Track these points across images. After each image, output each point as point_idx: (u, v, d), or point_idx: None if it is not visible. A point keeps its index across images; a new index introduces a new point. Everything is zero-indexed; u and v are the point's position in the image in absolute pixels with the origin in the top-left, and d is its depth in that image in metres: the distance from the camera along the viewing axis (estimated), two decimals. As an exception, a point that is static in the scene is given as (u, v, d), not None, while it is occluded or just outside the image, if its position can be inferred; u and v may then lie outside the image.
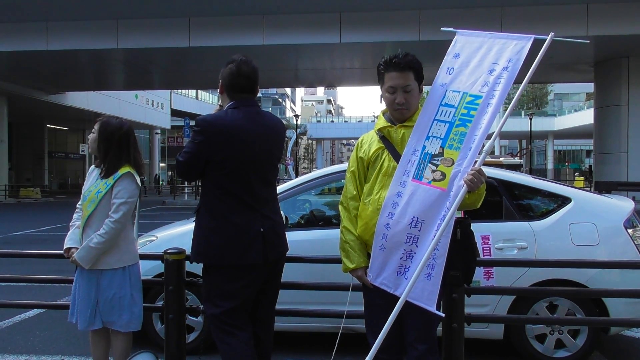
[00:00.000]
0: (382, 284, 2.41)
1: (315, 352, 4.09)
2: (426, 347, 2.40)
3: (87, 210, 2.93)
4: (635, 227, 3.79)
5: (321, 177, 4.32)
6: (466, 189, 2.20)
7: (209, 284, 2.71)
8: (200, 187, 2.79)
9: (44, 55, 18.33)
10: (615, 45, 17.19)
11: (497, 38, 2.34)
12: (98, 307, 2.95)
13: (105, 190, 2.91)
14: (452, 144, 2.30)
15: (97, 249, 2.87)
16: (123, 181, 2.93)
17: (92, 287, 2.94)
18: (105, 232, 2.87)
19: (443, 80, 2.41)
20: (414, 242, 2.31)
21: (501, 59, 2.29)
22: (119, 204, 2.88)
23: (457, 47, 2.43)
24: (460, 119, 2.30)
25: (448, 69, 2.41)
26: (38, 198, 28.04)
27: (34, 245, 10.56)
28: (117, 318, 2.96)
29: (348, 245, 2.52)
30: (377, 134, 2.55)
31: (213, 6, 16.11)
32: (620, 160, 19.32)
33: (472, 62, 2.36)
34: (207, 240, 2.64)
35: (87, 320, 2.95)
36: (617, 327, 3.80)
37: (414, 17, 15.92)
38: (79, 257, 2.90)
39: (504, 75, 2.25)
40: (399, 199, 2.34)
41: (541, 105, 58.34)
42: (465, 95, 2.32)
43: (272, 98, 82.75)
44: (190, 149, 2.62)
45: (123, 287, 2.96)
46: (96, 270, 2.93)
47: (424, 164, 2.33)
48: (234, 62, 2.71)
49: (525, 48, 2.25)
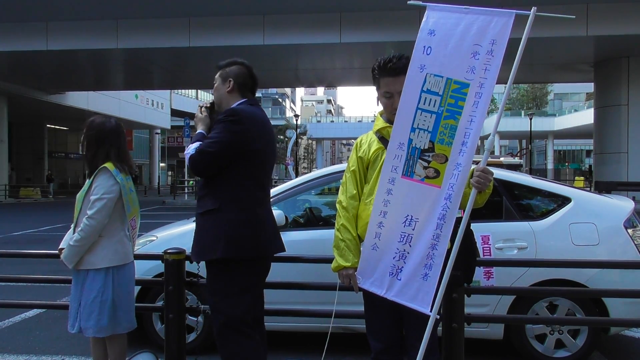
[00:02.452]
0: (372, 285, 2.36)
1: (315, 352, 4.09)
2: (426, 347, 2.39)
3: (76, 211, 2.94)
4: (635, 227, 3.80)
5: (321, 177, 4.32)
6: (476, 192, 2.18)
7: (226, 281, 2.64)
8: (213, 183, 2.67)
9: (44, 55, 18.33)
10: (615, 45, 17.19)
11: (475, 14, 2.15)
12: (79, 310, 2.91)
13: (85, 189, 2.92)
14: (442, 138, 2.19)
15: (77, 246, 2.84)
16: (99, 177, 2.89)
17: (77, 289, 2.94)
18: (81, 230, 2.83)
19: (421, 61, 2.21)
20: (407, 242, 2.26)
21: (483, 39, 2.12)
22: (94, 200, 2.84)
23: (431, 23, 2.22)
24: (448, 110, 2.18)
25: (424, 47, 2.21)
26: (38, 198, 28.06)
27: (34, 245, 10.56)
28: (93, 323, 2.86)
29: (344, 244, 2.48)
30: (376, 135, 2.54)
31: (213, 6, 16.12)
32: (620, 160, 19.33)
33: (450, 41, 2.17)
34: (238, 233, 2.60)
35: (71, 324, 2.94)
36: (617, 327, 3.80)
37: (414, 17, 15.89)
38: (64, 256, 2.90)
39: (490, 61, 2.12)
40: (390, 197, 2.29)
41: (541, 105, 58.34)
42: (450, 82, 2.17)
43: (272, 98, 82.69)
44: (223, 138, 2.58)
45: (102, 291, 2.87)
46: (82, 271, 2.91)
47: (413, 159, 2.24)
48: (240, 63, 2.79)
49: (508, 25, 2.10)
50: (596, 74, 20.70)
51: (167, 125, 44.64)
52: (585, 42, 16.87)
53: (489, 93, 2.13)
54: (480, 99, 2.14)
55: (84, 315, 2.87)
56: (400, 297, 2.28)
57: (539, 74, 23.01)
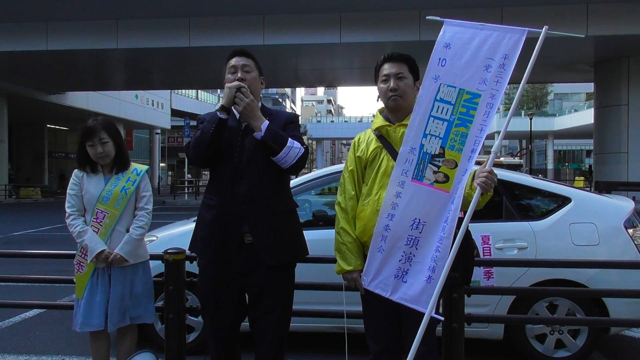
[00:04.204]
0: (377, 287, 2.37)
1: (316, 352, 4.09)
2: (426, 348, 2.38)
3: (117, 210, 2.96)
4: (635, 227, 3.80)
5: (321, 177, 4.32)
6: (480, 192, 2.18)
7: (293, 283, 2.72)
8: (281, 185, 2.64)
9: (44, 55, 18.31)
10: (615, 45, 17.18)
11: (489, 30, 2.26)
12: (129, 303, 2.99)
13: (135, 186, 3.02)
14: (453, 144, 2.26)
15: (139, 240, 3.01)
16: (145, 175, 3.10)
17: (126, 284, 2.97)
18: (144, 223, 3.02)
19: (436, 72, 2.31)
20: (414, 245, 2.29)
21: (496, 53, 2.22)
22: (149, 195, 3.07)
23: (447, 37, 2.33)
24: (459, 118, 2.26)
25: (440, 59, 2.32)
26: (38, 198, 28.04)
27: (34, 245, 10.55)
28: (143, 310, 3.05)
29: (345, 247, 2.47)
30: (374, 133, 2.53)
31: (213, 6, 16.10)
32: (620, 160, 19.31)
33: (465, 55, 2.28)
34: (302, 236, 2.71)
35: (118, 320, 2.95)
36: (617, 327, 3.80)
37: (414, 17, 15.91)
38: (126, 252, 2.94)
39: (501, 74, 2.21)
40: (399, 200, 2.31)
41: (541, 105, 58.33)
42: (462, 92, 2.26)
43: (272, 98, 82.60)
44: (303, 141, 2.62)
45: (149, 278, 3.12)
46: (129, 266, 2.98)
47: (423, 164, 2.30)
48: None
49: (520, 41, 2.20)
50: (596, 74, 20.67)
51: (167, 125, 44.60)
52: (585, 42, 16.86)
53: (497, 103, 2.22)
54: (491, 109, 2.23)
55: (133, 305, 3.01)
56: (404, 299, 2.30)
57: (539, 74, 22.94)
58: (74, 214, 2.99)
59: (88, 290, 2.95)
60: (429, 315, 2.22)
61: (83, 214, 3.01)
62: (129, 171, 3.07)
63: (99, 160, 3.00)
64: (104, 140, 2.97)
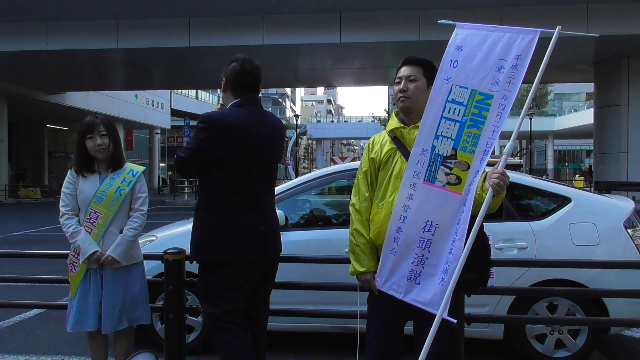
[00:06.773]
0: (390, 289, 2.37)
1: (315, 352, 4.10)
2: (436, 349, 2.35)
3: (110, 211, 2.94)
4: (635, 227, 3.80)
5: (321, 177, 4.32)
6: (492, 193, 2.16)
7: (207, 282, 2.70)
8: (199, 184, 2.76)
9: (44, 55, 18.32)
10: (615, 45, 17.17)
11: (501, 31, 2.24)
12: (124, 305, 2.97)
13: (129, 188, 3.00)
14: (465, 146, 2.23)
15: (133, 241, 2.99)
16: (141, 176, 3.09)
17: (119, 286, 2.95)
18: (138, 225, 3.00)
19: (447, 73, 2.29)
20: (426, 247, 2.27)
21: (509, 54, 2.21)
22: (144, 197, 3.07)
23: (459, 40, 2.31)
24: (471, 119, 2.23)
25: (451, 61, 2.30)
26: (38, 198, 28.04)
27: (34, 245, 10.56)
28: (141, 312, 3.05)
29: (359, 249, 2.47)
30: (388, 135, 2.52)
31: (213, 6, 16.11)
32: (620, 160, 19.31)
33: (477, 56, 2.26)
34: (208, 238, 2.65)
35: (115, 323, 2.94)
36: (617, 327, 3.80)
37: (414, 17, 15.92)
38: (118, 253, 2.91)
39: (514, 75, 2.19)
40: (411, 202, 2.29)
41: (541, 105, 58.30)
42: (475, 93, 2.24)
43: (272, 98, 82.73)
44: (193, 145, 2.62)
45: (144, 279, 3.11)
46: (121, 268, 2.96)
47: (435, 165, 2.27)
48: (237, 60, 2.72)
49: (533, 42, 2.18)
50: (596, 74, 20.68)
51: (167, 125, 44.64)
52: (585, 42, 16.87)
53: (510, 105, 2.21)
54: (503, 110, 2.21)
55: (130, 307, 3.00)
56: (417, 300, 2.30)
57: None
58: (67, 214, 2.97)
59: (80, 290, 2.94)
60: (440, 317, 2.21)
61: (77, 214, 2.99)
62: (125, 171, 3.04)
63: (97, 153, 2.99)
64: (103, 133, 3.00)
